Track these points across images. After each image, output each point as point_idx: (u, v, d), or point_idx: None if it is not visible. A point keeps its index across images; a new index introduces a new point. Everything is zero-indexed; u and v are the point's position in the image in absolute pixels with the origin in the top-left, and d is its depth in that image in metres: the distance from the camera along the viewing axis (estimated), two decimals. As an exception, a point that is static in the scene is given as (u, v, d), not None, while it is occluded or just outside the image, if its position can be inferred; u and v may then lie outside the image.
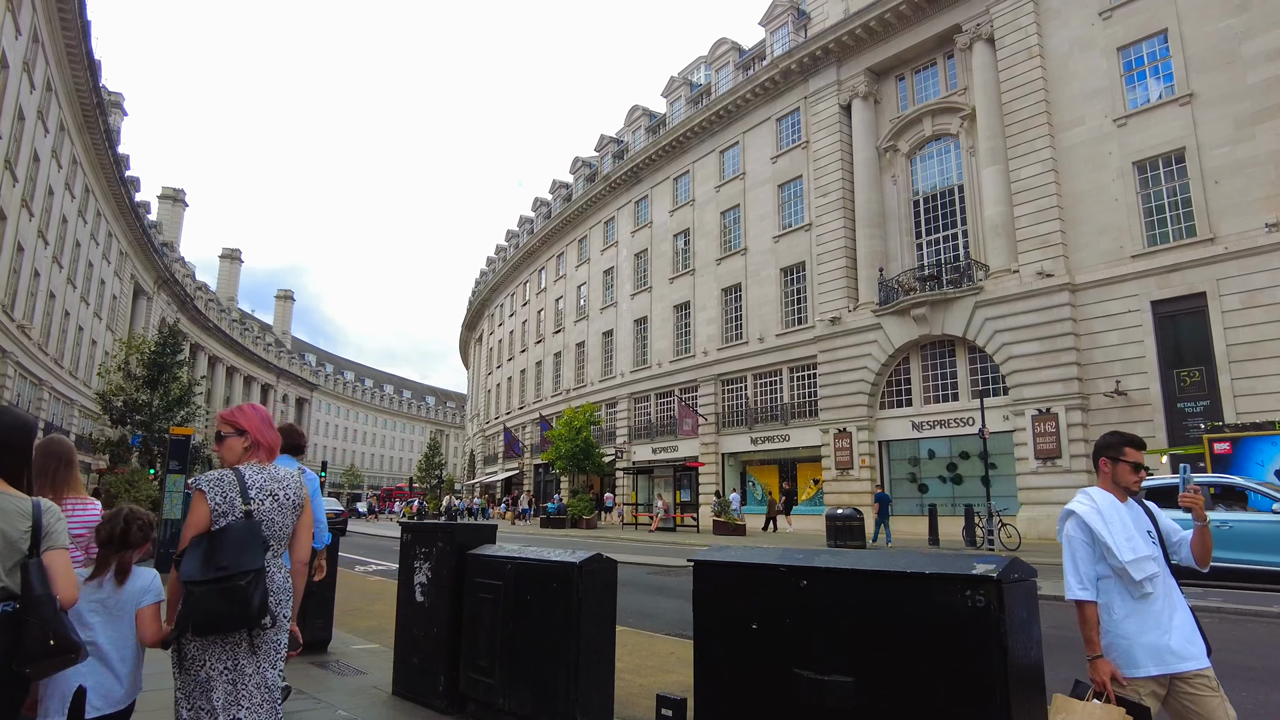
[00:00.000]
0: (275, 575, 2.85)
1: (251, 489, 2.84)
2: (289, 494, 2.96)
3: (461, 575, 4.79)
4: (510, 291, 61.44)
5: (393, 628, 8.22)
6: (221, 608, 2.61)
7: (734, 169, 34.88)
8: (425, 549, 5.14)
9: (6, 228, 25.65)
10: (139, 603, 2.94)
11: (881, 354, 26.77)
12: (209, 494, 2.77)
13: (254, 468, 2.93)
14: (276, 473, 2.98)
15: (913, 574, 2.50)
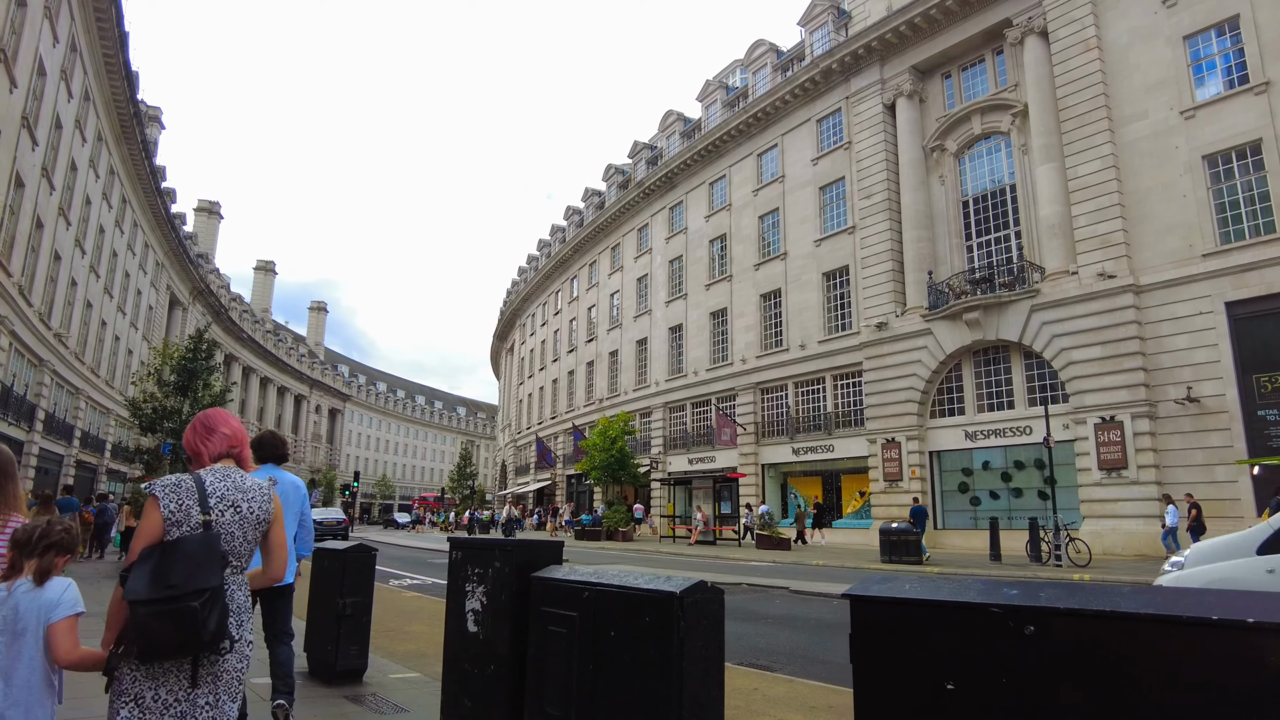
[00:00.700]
0: (236, 594, 2.60)
1: (212, 497, 2.58)
2: (254, 507, 2.68)
3: (524, 602, 4.01)
4: (542, 301, 61.01)
5: (434, 652, 7.63)
6: (170, 632, 2.34)
7: (772, 172, 34.03)
8: (479, 569, 4.37)
9: (44, 236, 25.57)
10: (48, 618, 2.61)
11: (932, 360, 25.70)
12: (163, 501, 2.50)
13: (218, 474, 2.66)
14: (243, 482, 2.71)
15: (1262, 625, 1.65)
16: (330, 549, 6.30)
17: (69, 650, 2.63)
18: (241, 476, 2.73)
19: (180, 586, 2.36)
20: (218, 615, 2.41)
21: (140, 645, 2.37)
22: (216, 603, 2.42)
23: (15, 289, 22.87)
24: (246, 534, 2.65)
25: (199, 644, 2.38)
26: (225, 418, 2.91)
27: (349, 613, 5.89)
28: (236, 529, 2.61)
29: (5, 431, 23.66)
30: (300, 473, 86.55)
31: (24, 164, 22.45)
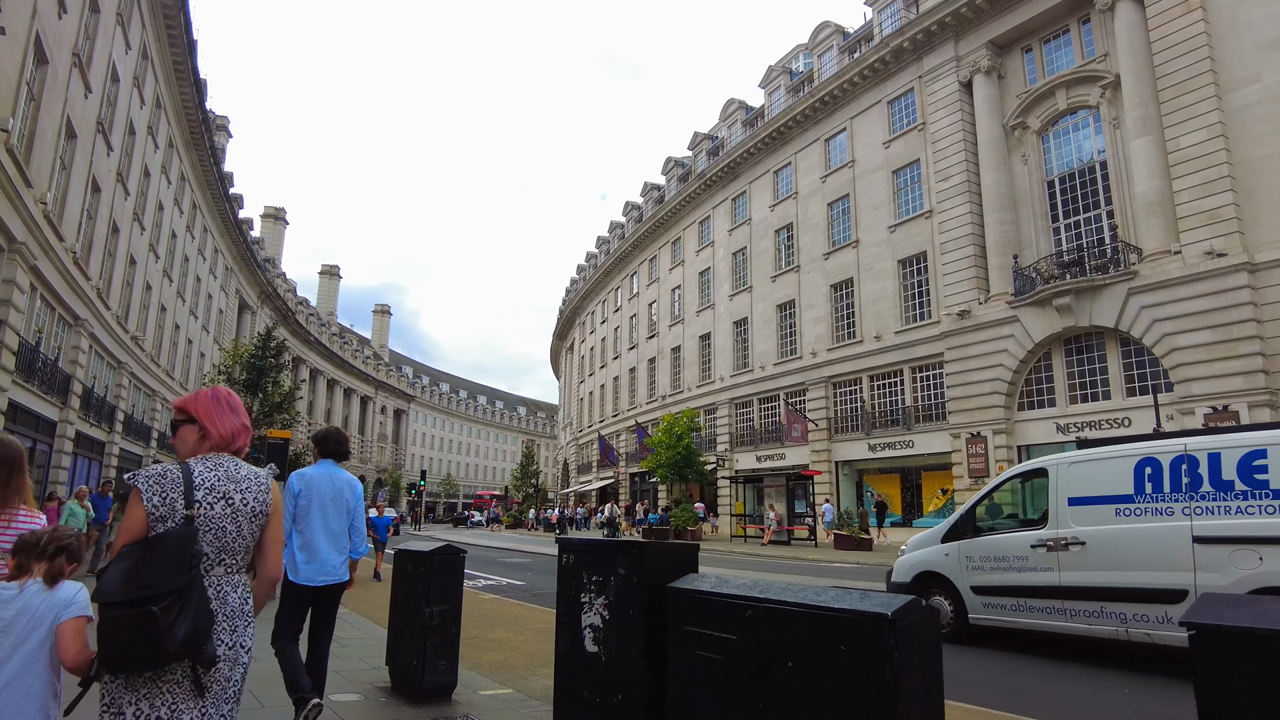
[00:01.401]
0: (229, 597, 2.37)
1: (199, 488, 2.37)
2: (249, 498, 2.46)
3: (659, 619, 3.30)
4: (601, 299, 60.60)
5: (523, 663, 6.86)
6: (126, 639, 2.12)
7: (841, 157, 32.82)
8: (597, 577, 3.68)
9: (119, 240, 25.99)
10: (59, 617, 2.48)
11: (1019, 349, 24.29)
12: (145, 493, 2.31)
13: (208, 463, 2.45)
14: (237, 471, 2.49)
15: None
16: (414, 550, 5.70)
17: (79, 651, 2.46)
18: (235, 465, 2.50)
19: (152, 587, 2.14)
20: (189, 621, 2.15)
21: (103, 654, 2.16)
22: (186, 606, 2.15)
23: (94, 292, 23.21)
24: (241, 528, 2.42)
25: (163, 654, 2.12)
26: (239, 404, 2.67)
27: (436, 623, 5.28)
28: (229, 523, 2.39)
29: (87, 432, 24.09)
30: (367, 472, 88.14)
31: (100, 169, 22.75)
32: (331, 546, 4.88)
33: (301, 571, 4.79)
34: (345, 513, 4.97)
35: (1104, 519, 7.60)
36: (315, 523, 4.85)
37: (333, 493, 4.95)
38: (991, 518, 9.27)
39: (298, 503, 4.87)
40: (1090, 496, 7.81)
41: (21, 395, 18.36)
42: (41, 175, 17.72)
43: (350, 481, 5.11)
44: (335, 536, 4.90)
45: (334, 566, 4.87)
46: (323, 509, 4.89)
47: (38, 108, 17.19)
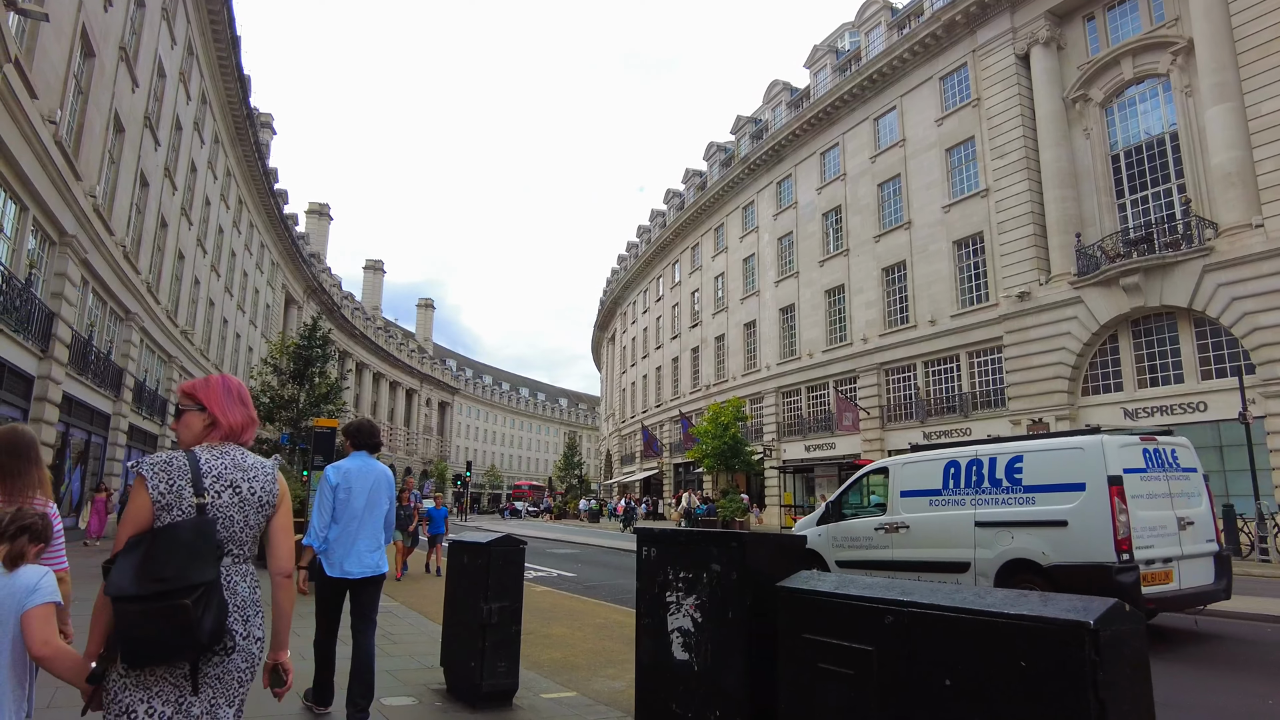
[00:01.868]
0: (238, 586, 2.29)
1: (207, 477, 2.28)
2: (256, 487, 2.37)
3: (765, 623, 2.81)
4: (643, 288, 60.09)
5: (585, 662, 6.34)
6: (157, 633, 2.04)
7: (891, 137, 31.80)
8: (686, 573, 3.20)
9: (168, 235, 26.23)
10: (23, 604, 2.34)
11: (1083, 331, 23.22)
12: (150, 481, 2.21)
13: (214, 451, 2.36)
14: (244, 460, 2.41)
15: None
16: (470, 542, 5.28)
17: (45, 640, 2.30)
18: (242, 454, 2.42)
19: (171, 581, 2.06)
20: (214, 613, 2.12)
21: (126, 649, 2.08)
22: (212, 599, 2.12)
23: (144, 286, 23.42)
24: (248, 518, 2.35)
25: (195, 646, 2.09)
26: (247, 396, 2.57)
27: (495, 621, 4.85)
28: (236, 512, 2.31)
29: (140, 425, 24.39)
30: (413, 464, 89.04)
31: (148, 164, 22.91)
32: (369, 539, 4.87)
33: (338, 565, 4.79)
34: (383, 504, 4.96)
35: (922, 508, 9.55)
36: (353, 516, 4.83)
37: (370, 485, 4.94)
38: (850, 506, 11.30)
39: (336, 496, 4.86)
40: (914, 490, 9.73)
41: (76, 388, 18.55)
42: (90, 168, 17.79)
43: (386, 474, 5.10)
44: (373, 529, 4.90)
45: (371, 559, 4.85)
46: (359, 502, 4.87)
47: (86, 101, 17.23)
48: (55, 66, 14.82)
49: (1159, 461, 8.31)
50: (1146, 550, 7.68)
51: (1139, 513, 7.76)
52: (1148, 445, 8.33)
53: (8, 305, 14.05)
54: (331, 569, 4.80)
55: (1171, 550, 7.94)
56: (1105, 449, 7.91)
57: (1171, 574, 7.89)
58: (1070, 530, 7.88)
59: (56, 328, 16.32)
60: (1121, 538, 7.51)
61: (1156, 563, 7.77)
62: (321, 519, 4.82)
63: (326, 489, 4.87)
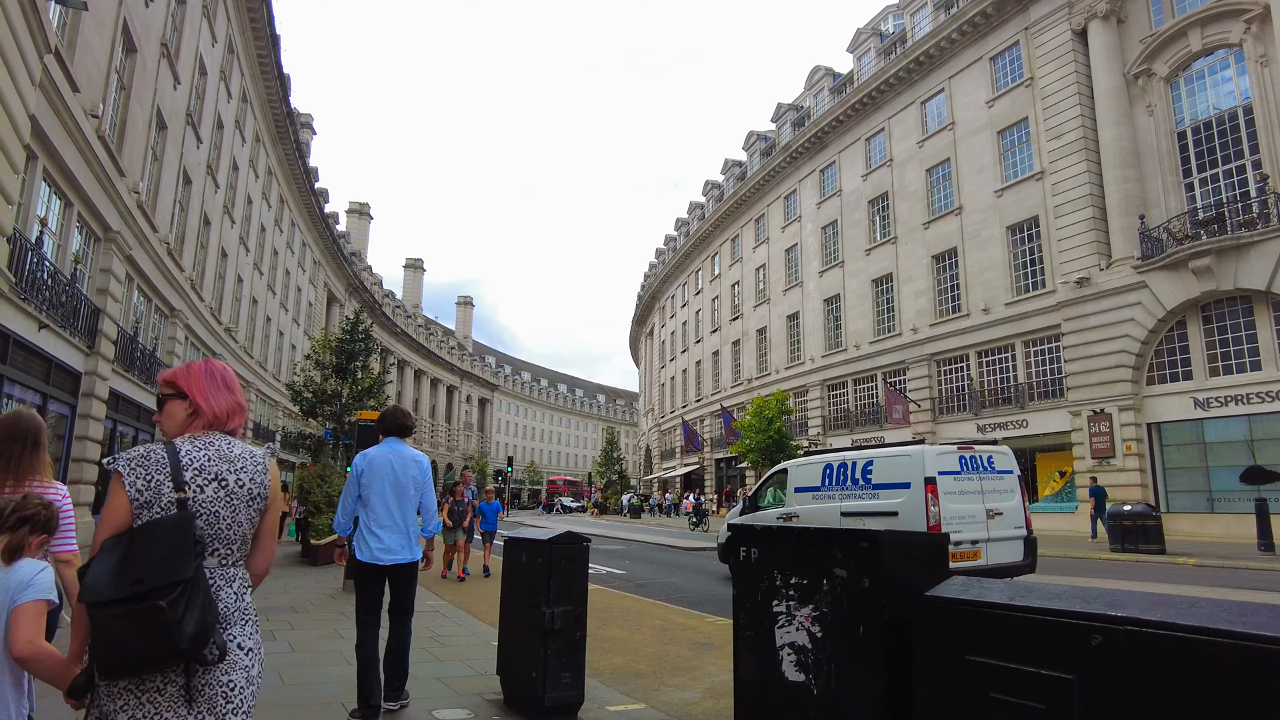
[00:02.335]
0: (223, 592, 2.06)
1: (188, 469, 2.05)
2: (244, 479, 2.13)
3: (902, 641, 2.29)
4: (681, 282, 59.46)
5: (649, 669, 5.81)
6: (133, 639, 1.87)
7: (939, 120, 30.79)
8: (800, 579, 2.70)
9: (211, 233, 26.36)
10: (15, 600, 2.18)
11: (1148, 317, 22.15)
12: (127, 478, 2.02)
13: (197, 441, 2.12)
14: (230, 450, 2.16)
15: None
16: (529, 539, 4.82)
17: (29, 640, 2.16)
18: (229, 444, 2.19)
19: (147, 582, 1.87)
20: (197, 615, 1.90)
21: (102, 657, 1.91)
22: (193, 599, 1.91)
23: (188, 283, 23.50)
24: (238, 513, 2.12)
25: (176, 653, 1.88)
26: (234, 382, 2.34)
27: (558, 626, 4.38)
28: (223, 507, 2.09)
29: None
30: (454, 460, 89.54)
31: (190, 161, 22.97)
32: (396, 526, 4.82)
33: (368, 551, 4.78)
34: (412, 491, 4.90)
35: (808, 501, 11.88)
36: (377, 502, 4.82)
37: (396, 471, 4.89)
38: (763, 499, 13.58)
39: (360, 482, 4.88)
40: (803, 487, 12.04)
41: (122, 384, 18.60)
42: (134, 165, 17.76)
43: (416, 458, 5.02)
44: (400, 515, 4.85)
45: (399, 546, 4.81)
46: (385, 488, 4.84)
47: (128, 97, 17.18)
48: (97, 60, 14.74)
49: (974, 465, 10.29)
50: (956, 534, 9.52)
51: (950, 505, 9.82)
52: (964, 453, 10.35)
53: (54, 301, 13.95)
54: (362, 554, 4.80)
55: (979, 535, 9.93)
56: (925, 456, 10.12)
57: (980, 553, 9.89)
58: (900, 519, 10.02)
59: (102, 324, 16.29)
60: (932, 524, 9.61)
61: (965, 544, 9.75)
62: (344, 507, 4.93)
63: (352, 476, 4.97)
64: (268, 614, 8.42)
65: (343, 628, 7.58)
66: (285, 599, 9.80)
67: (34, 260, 13.06)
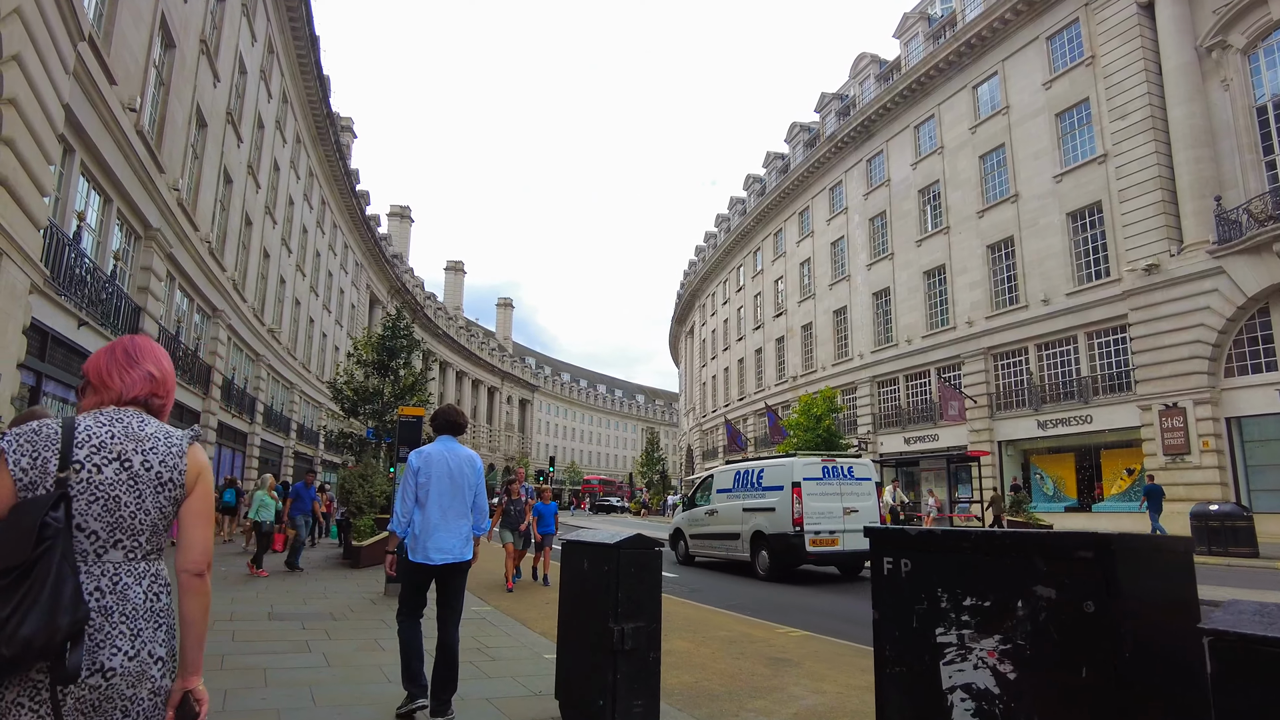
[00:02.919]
0: (131, 590, 1.78)
1: (83, 447, 1.79)
2: (154, 461, 1.85)
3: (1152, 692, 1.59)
4: (722, 279, 58.56)
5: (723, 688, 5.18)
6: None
7: (993, 104, 29.57)
8: (978, 600, 2.01)
9: (253, 233, 26.28)
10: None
11: (1225, 305, 20.84)
12: (12, 456, 1.75)
13: (102, 417, 1.87)
14: (142, 428, 1.88)
15: None
16: (593, 543, 4.16)
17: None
18: (141, 421, 1.89)
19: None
20: (41, 615, 1.58)
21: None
22: (33, 593, 1.59)
23: (230, 284, 23.40)
24: (144, 499, 1.81)
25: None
26: (157, 354, 2.03)
27: (629, 645, 3.73)
28: (125, 491, 1.79)
29: (229, 423, 24.43)
30: (495, 460, 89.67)
31: (230, 160, 22.87)
32: (450, 525, 4.75)
33: (420, 550, 4.70)
34: (466, 489, 4.85)
35: (723, 500, 15.19)
36: (433, 500, 4.74)
37: (452, 469, 4.83)
38: (698, 498, 16.70)
39: (417, 480, 4.78)
40: (721, 489, 15.42)
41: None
42: (173, 162, 17.59)
43: (470, 457, 4.98)
44: (455, 514, 4.79)
45: (453, 545, 4.73)
46: (441, 486, 4.78)
47: (167, 92, 17.00)
48: (134, 54, 14.51)
49: (835, 473, 13.52)
50: (815, 526, 12.86)
51: (812, 504, 12.94)
52: (827, 464, 13.62)
53: (93, 298, 13.75)
54: (414, 554, 4.71)
55: (836, 526, 13.06)
56: (794, 466, 13.39)
57: (837, 540, 13.04)
58: (776, 514, 13.35)
59: (143, 322, 16.12)
60: (796, 518, 12.85)
61: (824, 533, 12.96)
62: (404, 504, 4.79)
63: (409, 474, 4.82)
64: (303, 621, 7.92)
65: (384, 638, 7.03)
66: (324, 604, 9.32)
67: (72, 256, 12.85)
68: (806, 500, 12.80)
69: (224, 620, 7.73)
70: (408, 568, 4.77)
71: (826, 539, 12.84)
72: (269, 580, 11.58)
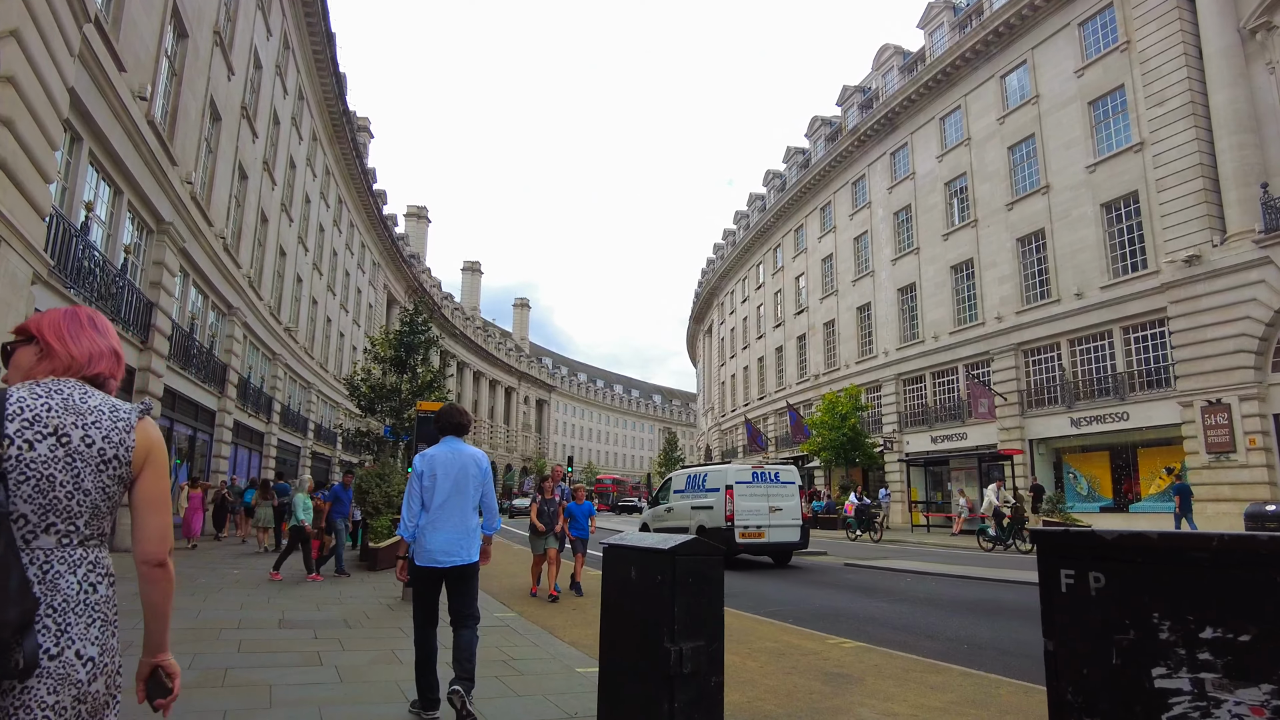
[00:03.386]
0: (63, 580, 1.60)
1: (13, 420, 1.60)
2: (95, 437, 1.67)
3: None
4: (741, 277, 57.87)
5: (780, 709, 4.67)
6: None
7: (1022, 94, 28.77)
8: (1221, 631, 1.43)
9: (269, 230, 25.95)
10: None
11: (1274, 296, 19.98)
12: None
13: (38, 388, 1.67)
14: (84, 400, 1.69)
15: None
16: (642, 548, 3.60)
17: None
18: (84, 394, 1.71)
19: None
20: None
21: None
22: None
23: (245, 281, 23.06)
24: (81, 479, 1.64)
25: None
26: (108, 326, 1.87)
27: (688, 669, 3.17)
28: (60, 470, 1.62)
29: (245, 422, 24.10)
30: (512, 460, 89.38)
31: (246, 155, 22.53)
32: (457, 526, 4.68)
33: (427, 553, 4.61)
34: (472, 490, 4.78)
35: (678, 499, 17.58)
36: (438, 502, 4.67)
37: (457, 470, 4.75)
38: (661, 496, 19.01)
39: (423, 483, 4.71)
40: (677, 489, 17.91)
41: (179, 382, 18.12)
42: (186, 155, 17.23)
43: (476, 457, 4.89)
44: (462, 515, 4.71)
45: (461, 547, 4.66)
46: (447, 487, 4.70)
47: (180, 83, 16.63)
48: (145, 41, 14.13)
49: (763, 478, 15.96)
50: (745, 522, 15.34)
51: (742, 503, 15.41)
52: (756, 470, 16.11)
53: (102, 292, 13.40)
54: (420, 558, 4.63)
55: (762, 522, 15.53)
56: (728, 472, 16.20)
57: (764, 533, 15.52)
58: (713, 511, 15.81)
59: (155, 318, 15.79)
60: (728, 514, 15.32)
61: (752, 527, 15.40)
62: (410, 509, 4.71)
63: (414, 478, 4.76)
64: (316, 630, 7.42)
65: (401, 648, 6.52)
66: (339, 610, 8.82)
67: (80, 247, 12.47)
68: (737, 500, 15.49)
69: (231, 628, 7.25)
70: (417, 573, 4.68)
71: (754, 532, 15.46)
72: (283, 585, 11.11)
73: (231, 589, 10.22)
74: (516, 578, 11.99)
